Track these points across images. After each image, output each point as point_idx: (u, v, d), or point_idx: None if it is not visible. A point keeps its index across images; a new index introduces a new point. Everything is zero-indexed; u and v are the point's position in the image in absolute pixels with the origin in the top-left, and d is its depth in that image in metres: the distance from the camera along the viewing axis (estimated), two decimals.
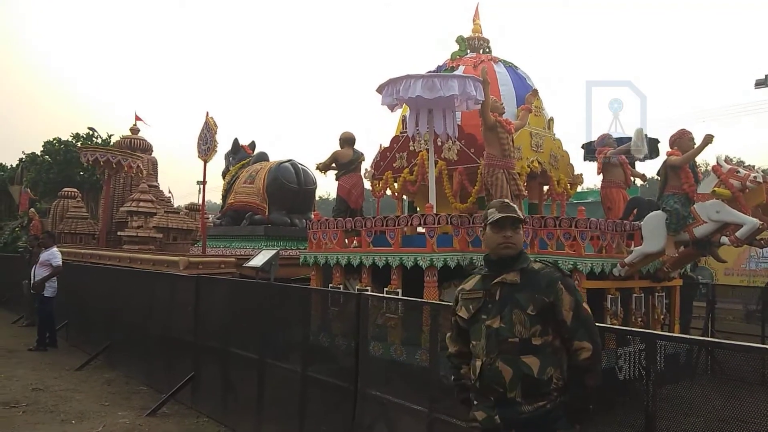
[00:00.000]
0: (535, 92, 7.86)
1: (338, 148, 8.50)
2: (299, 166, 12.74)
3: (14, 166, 30.76)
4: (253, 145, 14.28)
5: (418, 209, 8.51)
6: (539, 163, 7.60)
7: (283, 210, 12.37)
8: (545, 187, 8.29)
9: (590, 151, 8.61)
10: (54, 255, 9.37)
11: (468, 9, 9.08)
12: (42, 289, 9.19)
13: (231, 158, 13.92)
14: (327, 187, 48.75)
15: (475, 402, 2.45)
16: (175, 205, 18.66)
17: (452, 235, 6.44)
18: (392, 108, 6.57)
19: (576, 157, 8.49)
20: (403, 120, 8.21)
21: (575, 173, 8.20)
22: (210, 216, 17.41)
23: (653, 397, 2.77)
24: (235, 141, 14.00)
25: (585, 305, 2.40)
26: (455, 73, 7.54)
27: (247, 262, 6.77)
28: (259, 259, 5.97)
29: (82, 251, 12.94)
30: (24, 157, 28.62)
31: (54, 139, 26.23)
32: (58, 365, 8.07)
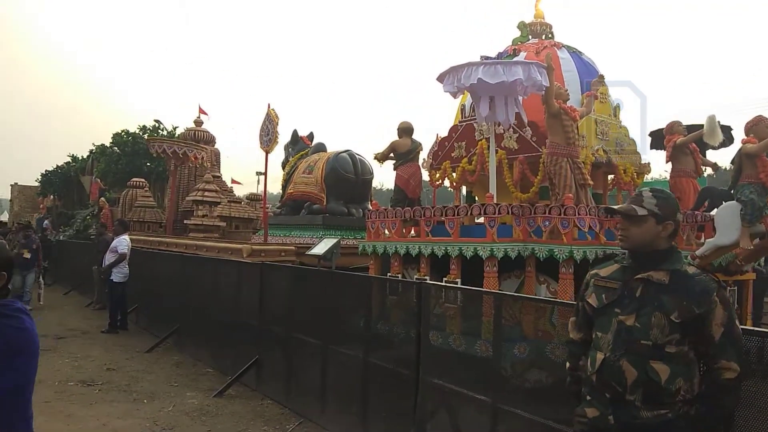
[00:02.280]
0: (601, 78, 7.60)
1: (396, 138, 8.51)
2: (356, 156, 12.85)
3: (85, 157, 32.37)
4: (311, 135, 14.49)
5: (476, 199, 8.42)
6: (604, 151, 7.36)
7: (341, 200, 12.52)
8: (610, 177, 8.03)
9: (658, 138, 8.27)
10: (120, 242, 9.82)
11: None
12: (109, 274, 9.69)
13: (290, 149, 14.17)
14: (380, 177, 48.98)
15: (588, 397, 2.29)
16: (237, 195, 19.22)
17: (513, 225, 6.34)
18: (455, 95, 6.51)
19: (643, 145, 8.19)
20: (462, 109, 8.12)
21: (642, 162, 7.89)
22: (270, 206, 17.84)
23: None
24: (294, 132, 14.24)
25: (737, 323, 2.21)
26: (517, 59, 7.39)
27: (308, 251, 6.88)
28: (320, 248, 6.06)
29: (150, 239, 13.52)
30: (94, 148, 30.07)
31: (122, 131, 27.42)
32: (130, 347, 8.48)
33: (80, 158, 32.74)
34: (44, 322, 10.18)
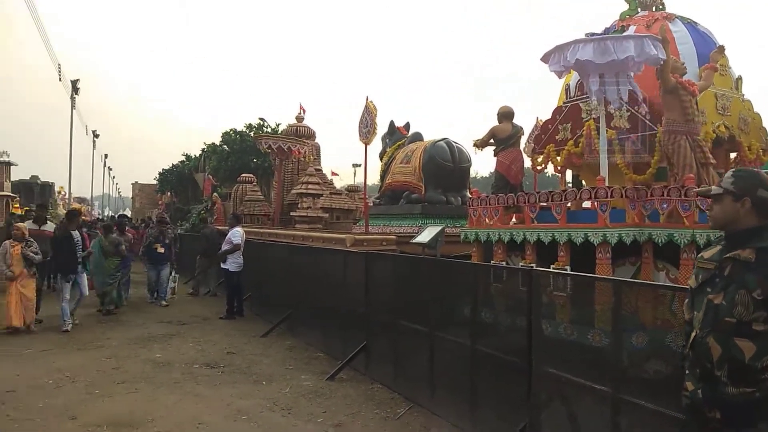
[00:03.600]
0: (721, 49, 7.01)
1: (496, 123, 8.36)
2: (454, 144, 12.75)
3: (198, 156, 34.64)
4: (408, 125, 14.56)
5: (584, 183, 8.09)
6: (726, 127, 6.81)
7: (439, 188, 12.49)
8: (733, 155, 7.42)
9: None
10: (234, 234, 10.44)
11: None
12: (223, 262, 10.34)
13: (387, 140, 14.34)
14: (475, 165, 48.11)
15: (687, 372, 2.37)
16: (337, 187, 19.77)
17: (626, 209, 6.03)
18: (560, 75, 6.28)
19: None
20: (566, 89, 7.82)
21: None
22: (369, 196, 18.18)
23: None
24: (391, 123, 14.38)
25: None
26: (627, 33, 6.98)
27: (411, 239, 6.96)
28: (424, 236, 6.09)
29: (260, 230, 14.25)
30: (206, 147, 32.11)
31: (231, 129, 29.04)
32: (246, 332, 9.01)
33: (193, 157, 35.13)
34: (168, 309, 11.07)
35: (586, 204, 6.41)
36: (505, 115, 8.27)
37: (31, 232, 9.22)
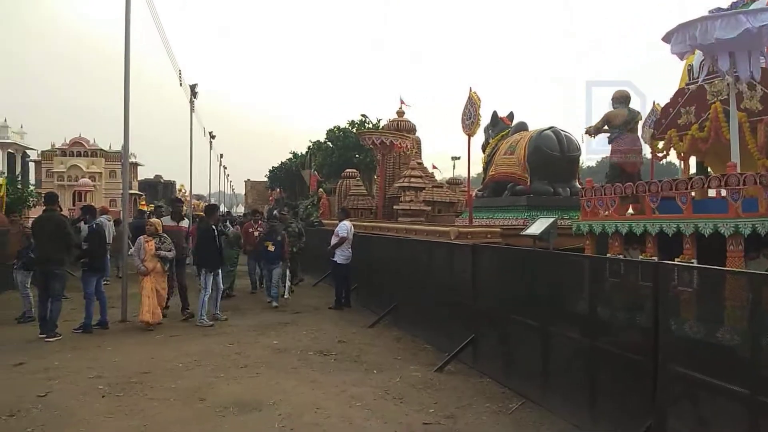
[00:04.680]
0: None
1: (610, 109, 7.95)
2: (561, 133, 12.31)
3: (304, 153, 36.04)
4: (511, 115, 14.24)
5: (709, 170, 7.49)
6: None
7: (546, 179, 12.12)
8: None
9: None
10: (340, 227, 10.73)
11: None
12: (332, 255, 10.65)
13: (490, 131, 14.12)
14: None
15: None
16: (438, 179, 19.75)
17: (759, 197, 5.50)
18: (682, 56, 5.85)
19: None
20: (689, 70, 7.26)
21: None
22: (471, 189, 18.01)
23: None
24: (494, 113, 14.13)
25: None
26: (756, 5, 6.35)
27: (521, 231, 6.80)
28: (536, 227, 5.93)
29: (365, 224, 14.57)
30: (311, 144, 33.34)
31: (334, 127, 29.91)
32: (354, 322, 9.26)
33: (300, 154, 36.63)
34: (280, 298, 11.60)
35: (712, 192, 5.93)
36: (621, 99, 7.84)
37: (169, 228, 9.46)
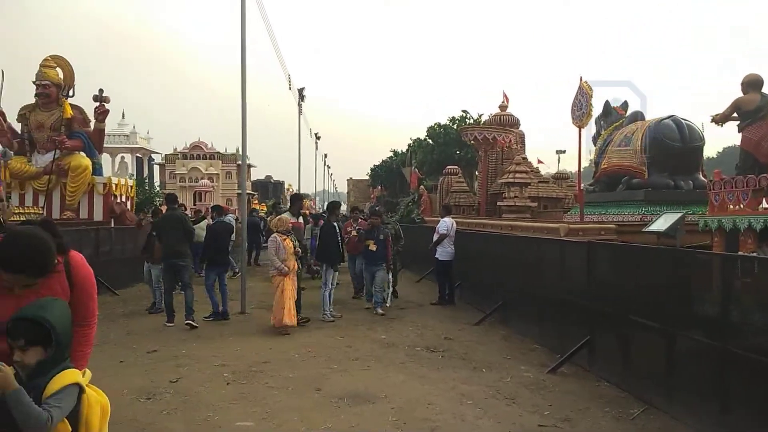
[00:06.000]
0: None
1: (740, 95, 7.28)
2: (682, 121, 11.47)
3: (404, 151, 36.39)
4: (625, 105, 13.48)
5: None
6: None
7: (665, 172, 11.36)
8: None
9: None
10: (441, 224, 10.73)
11: None
12: (433, 252, 10.63)
13: (602, 122, 13.45)
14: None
15: None
16: (542, 173, 19.13)
17: None
18: None
19: None
20: None
21: None
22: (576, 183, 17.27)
23: None
24: (606, 103, 13.43)
25: None
26: None
27: (644, 228, 6.41)
28: (661, 223, 5.54)
29: (468, 220, 14.44)
30: (411, 142, 33.59)
31: (435, 124, 29.93)
32: (458, 319, 9.20)
33: (400, 152, 37.06)
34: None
35: None
36: (753, 83, 7.17)
37: (291, 224, 9.38)
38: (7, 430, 1.94)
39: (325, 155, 71.40)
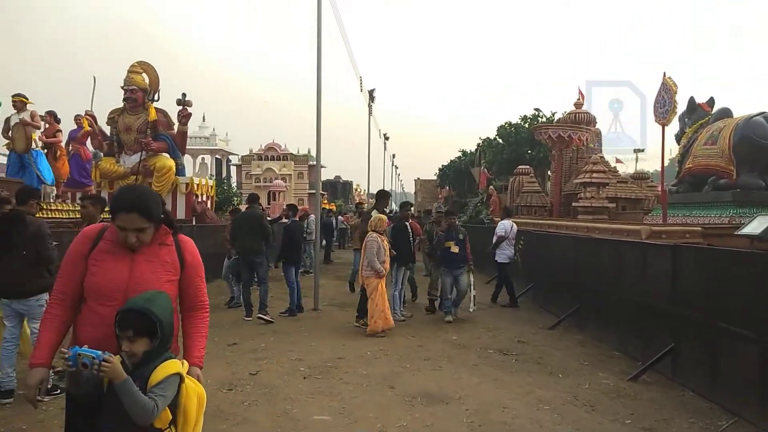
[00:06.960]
0: None
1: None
2: None
3: (473, 150, 36.01)
4: (711, 101, 12.76)
5: None
6: None
7: (756, 171, 10.67)
8: None
9: None
10: (499, 226, 10.65)
11: None
12: (493, 255, 10.63)
13: (686, 119, 12.81)
14: None
15: None
16: (620, 172, 18.39)
17: None
18: None
19: None
20: None
21: None
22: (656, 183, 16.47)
23: None
24: (691, 100, 12.78)
25: None
26: None
27: (736, 231, 6.06)
28: (755, 226, 5.23)
29: (540, 221, 14.13)
30: (481, 142, 33.18)
31: (505, 123, 29.43)
32: (532, 322, 9.02)
33: (469, 152, 36.70)
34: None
35: None
36: None
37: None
38: (115, 416, 2.09)
39: (393, 155, 71.80)
